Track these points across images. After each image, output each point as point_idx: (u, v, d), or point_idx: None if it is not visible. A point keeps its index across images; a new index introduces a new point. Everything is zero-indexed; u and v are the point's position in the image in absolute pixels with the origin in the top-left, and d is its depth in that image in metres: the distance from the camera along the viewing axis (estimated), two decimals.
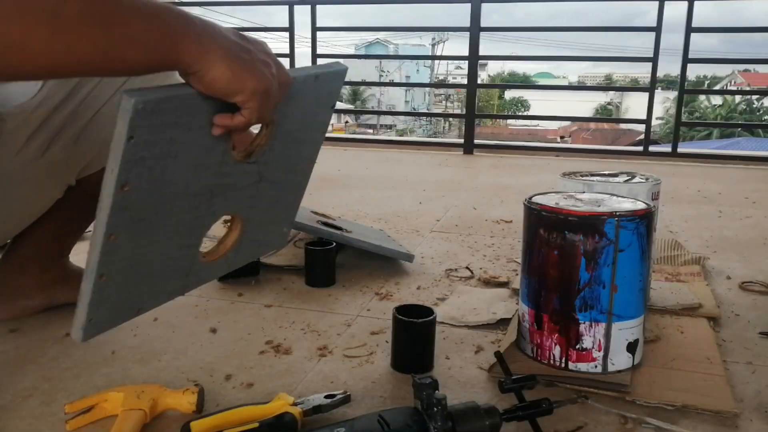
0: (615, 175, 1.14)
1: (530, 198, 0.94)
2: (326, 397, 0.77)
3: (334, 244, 1.33)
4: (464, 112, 4.01)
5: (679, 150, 3.68)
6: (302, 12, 4.01)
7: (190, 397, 0.78)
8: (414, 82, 31.41)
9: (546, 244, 0.88)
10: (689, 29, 3.50)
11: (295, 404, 0.75)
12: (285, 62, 4.05)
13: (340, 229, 1.43)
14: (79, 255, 1.30)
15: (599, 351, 0.87)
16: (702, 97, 24.16)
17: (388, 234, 1.68)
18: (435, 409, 0.67)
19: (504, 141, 5.72)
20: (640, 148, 3.76)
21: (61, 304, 1.11)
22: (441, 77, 37.59)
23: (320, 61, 4.23)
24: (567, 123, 22.63)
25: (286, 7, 4.05)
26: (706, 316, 1.12)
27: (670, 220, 1.97)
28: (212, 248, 0.82)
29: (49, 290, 1.10)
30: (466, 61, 3.93)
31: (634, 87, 21.24)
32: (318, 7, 4.02)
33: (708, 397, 0.83)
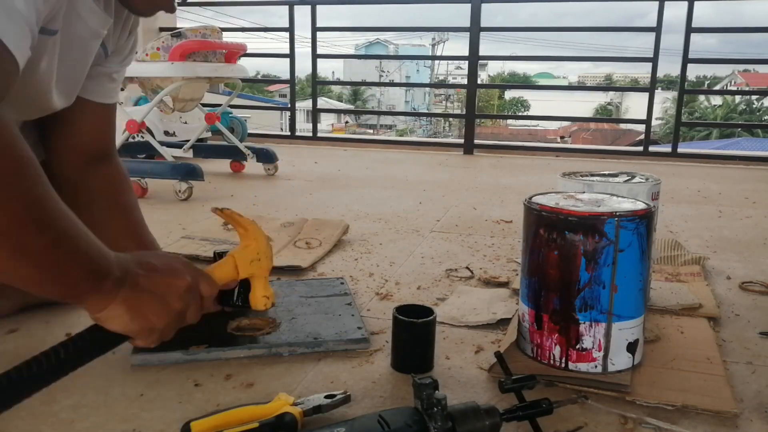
0: (615, 175, 1.14)
1: (530, 198, 0.94)
2: (326, 397, 0.77)
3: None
4: (464, 112, 4.02)
5: (679, 150, 3.69)
6: (302, 12, 4.02)
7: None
8: (414, 82, 31.41)
9: (546, 244, 0.88)
10: (689, 29, 3.51)
11: (295, 404, 0.75)
12: (285, 62, 4.07)
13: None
14: None
15: (599, 351, 0.87)
16: (702, 97, 24.16)
17: (347, 291, 1.21)
18: (435, 409, 0.67)
19: (504, 141, 5.71)
20: (640, 149, 3.76)
21: (37, 303, 1.11)
22: (441, 77, 37.56)
23: (320, 61, 4.23)
24: (567, 123, 22.62)
25: (287, 7, 4.05)
26: (706, 316, 1.12)
27: (670, 220, 1.97)
28: None
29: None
30: (466, 62, 3.93)
31: (634, 87, 21.24)
32: (318, 7, 4.02)
33: (708, 397, 0.83)
